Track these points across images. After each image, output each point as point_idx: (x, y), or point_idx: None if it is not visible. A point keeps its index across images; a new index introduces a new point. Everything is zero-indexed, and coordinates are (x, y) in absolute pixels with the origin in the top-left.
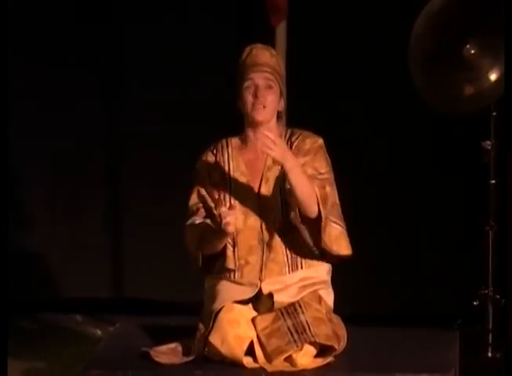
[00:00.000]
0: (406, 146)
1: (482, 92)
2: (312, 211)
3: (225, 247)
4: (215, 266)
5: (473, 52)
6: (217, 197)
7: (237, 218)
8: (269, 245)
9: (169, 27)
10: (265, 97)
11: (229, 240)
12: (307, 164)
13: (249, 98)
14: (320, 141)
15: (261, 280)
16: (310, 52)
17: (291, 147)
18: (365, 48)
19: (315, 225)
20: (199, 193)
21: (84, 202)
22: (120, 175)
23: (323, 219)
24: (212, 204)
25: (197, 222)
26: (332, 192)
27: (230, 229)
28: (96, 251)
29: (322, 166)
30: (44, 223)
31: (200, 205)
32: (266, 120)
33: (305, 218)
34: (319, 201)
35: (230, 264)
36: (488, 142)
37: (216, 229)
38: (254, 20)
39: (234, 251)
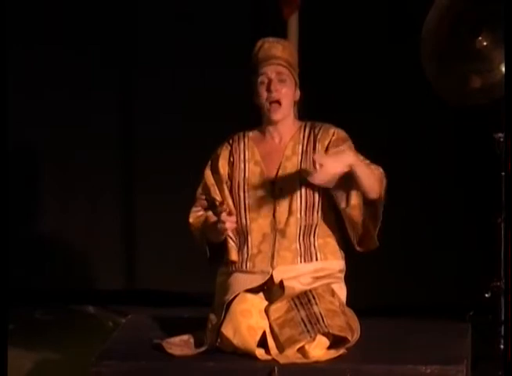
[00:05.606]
0: (418, 141)
1: (494, 83)
2: (376, 193)
3: (227, 241)
4: (224, 257)
5: (485, 44)
6: (220, 200)
7: (234, 223)
8: (282, 233)
9: (180, 21)
10: (279, 91)
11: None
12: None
13: (263, 92)
14: (343, 132)
15: (272, 268)
16: (322, 45)
17: (315, 140)
18: (377, 41)
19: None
20: (206, 183)
21: (98, 194)
22: (134, 166)
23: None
24: (216, 196)
25: (199, 213)
26: None
27: (226, 232)
28: (109, 242)
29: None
30: (57, 214)
31: (203, 197)
32: (284, 117)
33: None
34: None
35: (233, 256)
36: (501, 135)
37: (214, 227)
38: (266, 13)
39: (247, 241)
